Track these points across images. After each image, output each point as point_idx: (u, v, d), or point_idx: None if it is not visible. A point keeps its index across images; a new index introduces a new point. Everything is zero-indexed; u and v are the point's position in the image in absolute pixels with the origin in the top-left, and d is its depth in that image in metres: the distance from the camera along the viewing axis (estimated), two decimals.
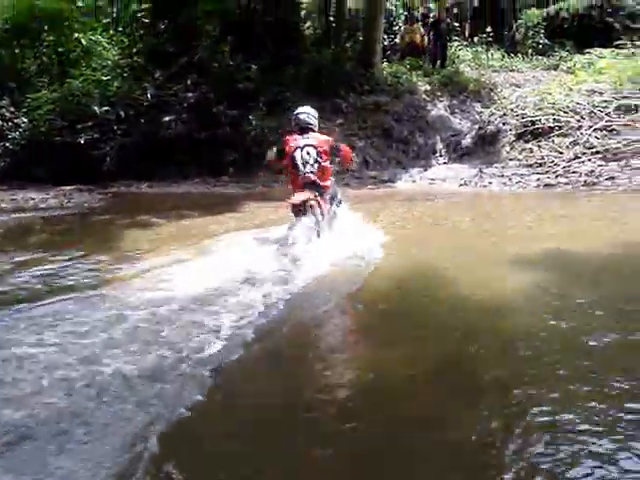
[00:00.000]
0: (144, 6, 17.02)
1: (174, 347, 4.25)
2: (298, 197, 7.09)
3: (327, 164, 7.33)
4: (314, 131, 7.48)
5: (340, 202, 8.00)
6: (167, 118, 15.50)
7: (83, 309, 5.15)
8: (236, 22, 17.10)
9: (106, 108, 15.81)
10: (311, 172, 7.20)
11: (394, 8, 22.37)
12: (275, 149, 8.04)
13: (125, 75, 17.09)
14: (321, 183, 7.28)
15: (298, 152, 7.24)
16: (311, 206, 7.09)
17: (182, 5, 16.74)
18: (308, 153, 7.21)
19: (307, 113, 7.49)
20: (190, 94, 15.96)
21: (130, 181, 14.63)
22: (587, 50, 19.02)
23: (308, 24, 21.06)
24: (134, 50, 17.59)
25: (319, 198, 7.22)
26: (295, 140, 7.34)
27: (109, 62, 17.54)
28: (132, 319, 4.82)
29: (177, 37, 16.64)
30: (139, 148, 14.86)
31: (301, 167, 7.22)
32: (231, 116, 15.41)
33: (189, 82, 16.15)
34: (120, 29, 18.42)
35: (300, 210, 7.09)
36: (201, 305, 5.14)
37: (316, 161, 7.20)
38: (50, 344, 4.35)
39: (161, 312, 4.98)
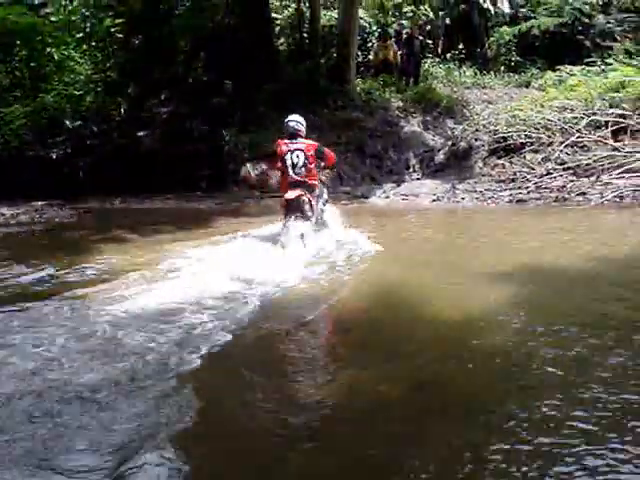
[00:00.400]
0: (118, 21, 16.95)
1: (136, 357, 4.26)
2: (292, 193, 8.08)
3: (313, 166, 8.36)
4: (302, 137, 8.44)
5: (327, 201, 9.02)
6: (140, 133, 15.47)
7: (43, 318, 5.18)
8: (210, 38, 17.12)
9: (79, 123, 15.74)
10: (299, 173, 8.21)
11: (367, 25, 22.49)
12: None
13: (98, 90, 17.04)
14: (309, 182, 8.29)
15: (288, 155, 8.24)
16: (303, 201, 8.12)
17: (156, 21, 16.74)
18: (297, 156, 8.23)
19: (296, 121, 8.47)
20: (164, 109, 15.95)
21: (103, 196, 14.50)
22: (558, 67, 19.30)
23: (282, 40, 21.11)
24: (107, 65, 17.56)
25: (309, 195, 8.24)
26: (286, 144, 8.31)
27: (82, 77, 17.45)
28: (95, 329, 4.84)
29: (151, 52, 16.62)
30: (112, 163, 14.76)
31: (290, 168, 8.23)
32: (205, 131, 15.40)
33: (163, 97, 16.14)
34: (93, 44, 18.31)
35: (293, 206, 8.08)
36: (169, 317, 5.12)
37: (304, 164, 8.21)
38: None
39: (125, 322, 5.00)
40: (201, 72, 16.85)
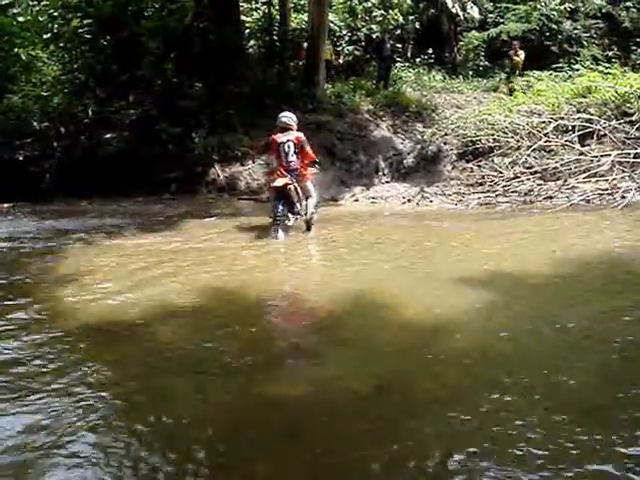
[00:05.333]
0: (86, 22, 16.78)
1: None
2: (280, 181, 9.25)
3: (304, 156, 9.58)
4: (292, 130, 9.65)
5: (317, 205, 9.96)
6: (108, 135, 15.33)
7: None
8: (179, 40, 17.03)
9: (46, 124, 15.56)
10: (292, 162, 9.43)
11: (338, 28, 22.53)
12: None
13: (66, 91, 16.88)
14: (300, 171, 9.47)
15: (281, 146, 9.47)
16: (289, 189, 9.23)
17: (124, 22, 16.61)
18: (288, 147, 9.45)
19: (287, 116, 9.78)
20: (132, 111, 15.82)
21: (70, 199, 14.30)
22: (526, 72, 19.48)
23: (252, 42, 21.06)
24: (75, 66, 17.39)
25: (297, 184, 9.37)
26: (279, 137, 9.56)
27: (50, 78, 17.31)
28: None
29: (119, 54, 16.50)
30: (79, 165, 14.58)
31: (284, 158, 9.45)
32: (174, 134, 15.28)
33: (131, 99, 16.02)
34: (61, 45, 18.12)
35: (280, 192, 9.20)
36: None
37: (295, 152, 9.45)
38: None
39: None
40: (170, 74, 16.71)
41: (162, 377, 4.16)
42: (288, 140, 9.47)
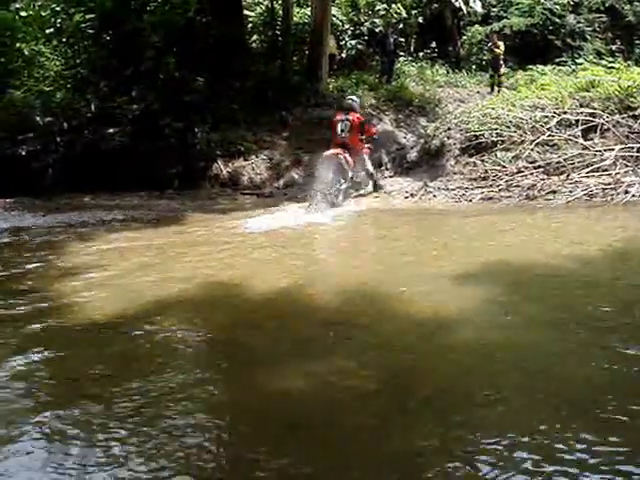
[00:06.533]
0: (88, 17, 16.75)
1: None
2: (330, 151, 11.45)
3: (358, 134, 11.83)
4: (354, 111, 11.98)
5: (370, 174, 12.74)
6: (111, 130, 15.31)
7: None
8: (182, 34, 17.00)
9: (49, 119, 15.55)
10: (343, 136, 11.66)
11: (340, 23, 22.47)
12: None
13: (68, 86, 16.86)
14: (350, 144, 11.65)
15: (339, 123, 11.77)
16: (339, 158, 11.25)
17: (127, 16, 16.58)
18: (345, 124, 11.67)
19: (352, 99, 12.55)
20: (135, 106, 15.80)
21: (73, 193, 14.29)
22: (529, 66, 19.46)
23: (255, 37, 21.03)
24: (78, 61, 17.36)
25: (347, 154, 11.45)
26: (339, 115, 11.94)
27: (52, 73, 17.29)
28: None
29: (122, 48, 16.47)
30: (82, 160, 14.56)
31: (339, 132, 11.71)
32: (176, 128, 15.26)
33: (134, 94, 16.00)
34: (64, 40, 18.09)
35: (332, 160, 11.18)
36: None
37: (349, 130, 11.66)
38: None
39: None
40: (173, 69, 16.69)
41: (165, 372, 4.15)
42: (345, 118, 11.66)
